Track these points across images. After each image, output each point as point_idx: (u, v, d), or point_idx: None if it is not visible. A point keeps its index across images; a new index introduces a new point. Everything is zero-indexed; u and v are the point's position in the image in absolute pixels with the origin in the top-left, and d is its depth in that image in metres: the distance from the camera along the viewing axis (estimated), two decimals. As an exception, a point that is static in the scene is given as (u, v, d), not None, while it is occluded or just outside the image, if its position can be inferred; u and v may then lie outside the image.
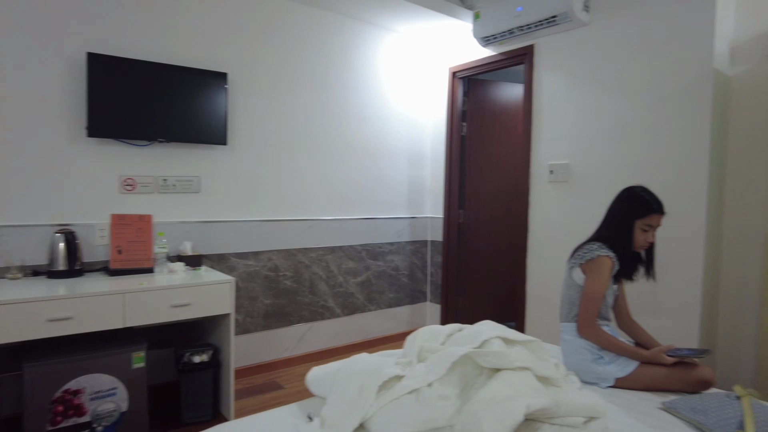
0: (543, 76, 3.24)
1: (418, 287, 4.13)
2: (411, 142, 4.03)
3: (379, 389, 1.39)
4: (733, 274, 2.62)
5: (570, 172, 3.09)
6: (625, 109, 2.82)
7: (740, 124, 2.58)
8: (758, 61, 2.49)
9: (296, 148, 3.33)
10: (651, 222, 1.88)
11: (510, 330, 1.66)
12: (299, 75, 3.32)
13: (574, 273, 1.96)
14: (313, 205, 3.43)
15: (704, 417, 1.49)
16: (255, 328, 3.18)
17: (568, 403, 1.47)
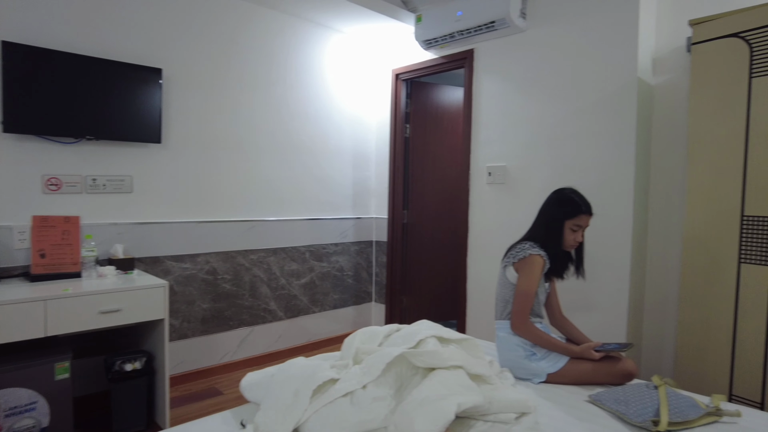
0: (482, 80, 3.32)
1: (363, 288, 4.13)
2: (356, 142, 4.03)
3: (314, 393, 1.38)
4: (656, 272, 2.78)
5: (507, 174, 3.18)
6: (557, 114, 2.93)
7: (662, 131, 2.74)
8: (677, 72, 2.66)
9: (236, 147, 3.24)
10: (580, 222, 1.97)
11: (445, 329, 1.69)
12: (240, 72, 3.24)
13: (507, 272, 2.02)
14: (254, 205, 3.35)
15: (625, 407, 1.58)
16: (193, 333, 3.08)
17: (500, 399, 1.51)
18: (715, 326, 2.23)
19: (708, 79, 2.23)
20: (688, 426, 1.52)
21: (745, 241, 2.14)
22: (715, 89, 2.21)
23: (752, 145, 2.11)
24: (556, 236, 1.98)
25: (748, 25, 2.10)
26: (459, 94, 4.18)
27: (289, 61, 3.51)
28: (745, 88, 2.12)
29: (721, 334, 2.21)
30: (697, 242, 2.29)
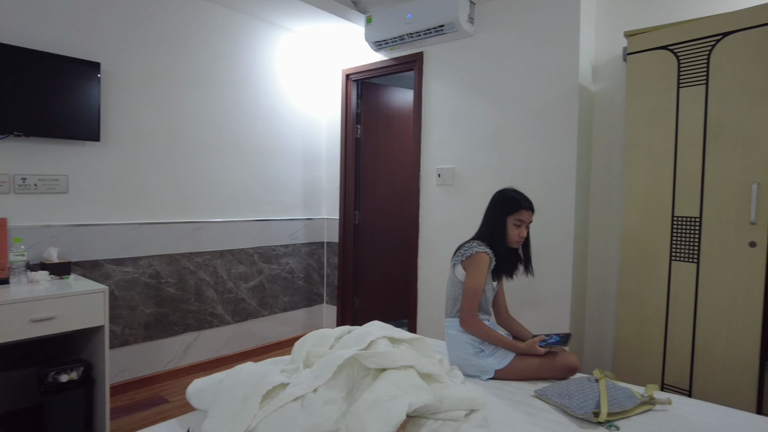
0: (431, 82, 3.37)
1: (314, 289, 4.09)
2: (306, 142, 3.99)
3: (263, 398, 1.35)
4: (597, 269, 2.92)
5: (456, 175, 3.25)
6: (504, 117, 3.02)
7: (601, 135, 2.88)
8: (615, 80, 2.81)
9: (181, 145, 3.13)
10: (521, 217, 2.04)
11: (397, 329, 1.70)
12: (184, 69, 3.13)
13: (456, 270, 2.06)
14: (199, 206, 3.25)
15: (569, 400, 1.64)
16: (135, 339, 2.95)
17: (450, 397, 1.53)
18: (649, 320, 2.37)
19: (642, 88, 2.37)
20: (626, 415, 1.60)
21: (675, 239, 2.28)
22: (649, 97, 2.35)
23: (680, 150, 2.25)
24: (500, 233, 2.05)
25: (676, 39, 2.25)
26: (409, 96, 4.22)
27: (236, 59, 3.42)
28: (674, 98, 2.26)
29: (654, 327, 2.35)
30: (633, 241, 2.42)
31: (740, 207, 2.08)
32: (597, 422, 1.54)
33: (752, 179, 2.05)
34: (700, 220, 2.20)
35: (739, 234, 2.09)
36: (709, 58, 2.15)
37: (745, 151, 2.07)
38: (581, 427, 1.53)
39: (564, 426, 1.53)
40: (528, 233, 2.12)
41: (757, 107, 2.04)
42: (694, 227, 2.22)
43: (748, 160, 2.06)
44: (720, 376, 2.15)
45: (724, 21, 2.11)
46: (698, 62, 2.19)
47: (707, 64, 2.16)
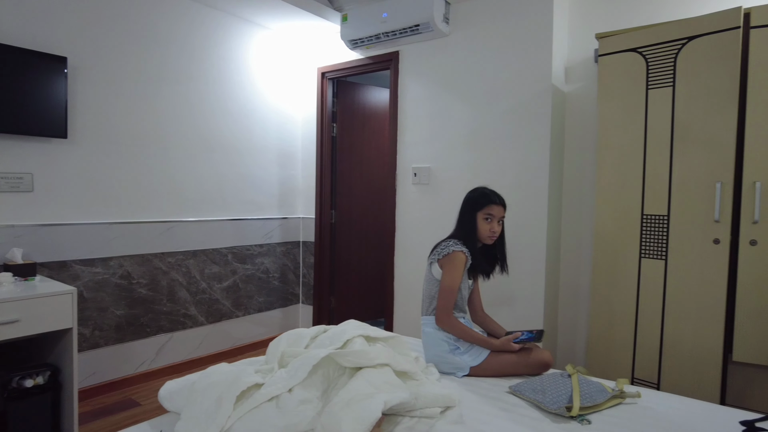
0: (407, 82, 3.38)
1: (289, 289, 4.06)
2: (281, 141, 3.95)
3: (238, 399, 1.34)
4: (569, 266, 2.97)
5: (432, 174, 3.27)
6: (478, 117, 3.05)
7: (574, 134, 2.94)
8: (587, 81, 2.86)
9: (153, 143, 3.07)
10: (491, 212, 2.05)
11: (372, 328, 1.70)
12: (157, 65, 3.07)
13: (433, 269, 2.07)
14: (172, 205, 3.19)
15: (542, 396, 1.67)
16: (106, 342, 2.87)
17: (426, 395, 1.54)
18: (620, 316, 2.42)
19: (613, 89, 2.42)
20: (597, 409, 1.64)
21: (644, 237, 2.34)
22: (619, 98, 2.40)
23: (650, 150, 2.31)
24: (472, 229, 2.07)
25: (644, 42, 2.30)
26: (385, 95, 4.23)
27: (211, 56, 3.37)
28: (643, 99, 2.32)
29: (625, 323, 2.40)
30: (604, 239, 2.47)
31: (705, 205, 2.15)
32: (570, 416, 1.57)
33: (716, 179, 2.12)
34: (668, 218, 2.26)
35: (704, 231, 2.16)
36: (676, 60, 2.22)
37: (709, 151, 2.14)
38: (554, 421, 1.56)
39: (538, 421, 1.56)
40: (503, 231, 2.15)
41: (720, 109, 2.10)
42: (662, 225, 2.28)
43: (712, 161, 2.13)
44: (686, 369, 2.22)
45: (689, 25, 2.18)
46: (665, 65, 2.25)
47: (674, 66, 2.22)
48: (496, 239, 2.12)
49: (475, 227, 2.07)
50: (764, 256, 2.05)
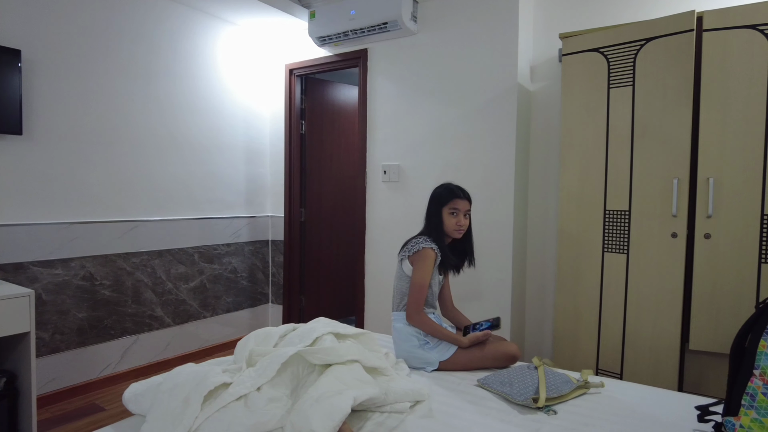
0: (376, 79, 3.38)
1: (258, 289, 4.01)
2: (249, 138, 3.90)
3: (205, 399, 1.32)
4: (535, 261, 3.04)
5: (401, 172, 3.28)
6: (446, 116, 3.08)
7: (539, 132, 3.00)
8: (551, 80, 2.93)
9: (114, 140, 2.98)
10: (455, 206, 2.08)
11: (342, 325, 1.70)
12: (119, 60, 2.98)
13: (403, 265, 2.09)
14: (136, 204, 3.10)
15: (510, 388, 1.70)
16: (67, 346, 2.78)
17: (395, 390, 1.55)
18: (584, 309, 2.49)
19: (576, 88, 2.48)
20: (563, 399, 1.68)
21: (607, 232, 2.41)
22: (582, 97, 2.46)
23: (611, 148, 2.38)
24: (438, 224, 2.10)
25: (606, 42, 2.37)
26: (355, 92, 4.22)
27: (176, 52, 3.30)
28: (605, 97, 2.39)
29: (589, 315, 2.47)
30: (568, 234, 2.53)
31: (663, 201, 2.23)
32: (536, 407, 1.60)
33: (673, 175, 2.20)
34: (629, 213, 2.34)
35: (662, 226, 2.24)
36: (635, 61, 2.29)
37: (667, 149, 2.22)
38: (522, 413, 1.59)
39: (505, 413, 1.59)
40: (470, 226, 2.18)
41: (676, 108, 2.19)
42: (623, 220, 2.36)
43: (669, 158, 2.21)
44: (647, 359, 2.30)
45: (647, 27, 2.25)
46: (625, 65, 2.32)
47: (633, 66, 2.30)
48: (465, 233, 2.14)
49: (442, 222, 2.09)
50: (717, 249, 2.14)
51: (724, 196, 2.12)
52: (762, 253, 2.07)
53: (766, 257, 2.06)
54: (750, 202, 2.08)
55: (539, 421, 1.53)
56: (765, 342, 1.39)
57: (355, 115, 4.16)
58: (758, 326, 1.42)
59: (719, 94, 2.11)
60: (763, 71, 2.03)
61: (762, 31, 2.02)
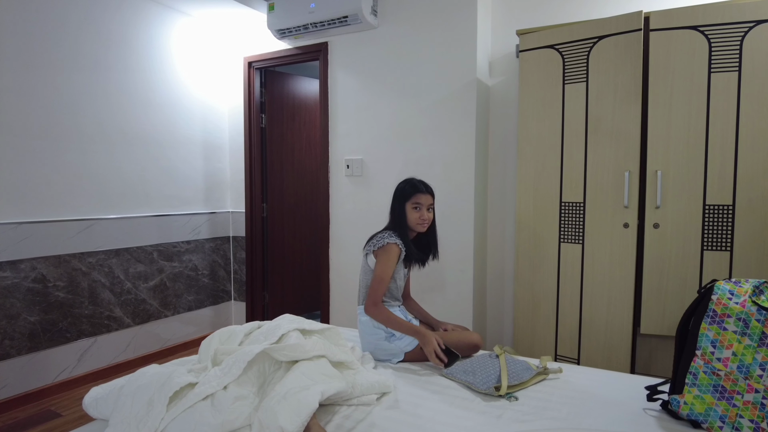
0: (337, 73, 3.37)
1: (220, 286, 3.95)
2: (207, 132, 3.81)
3: (171, 400, 1.30)
4: (496, 253, 3.12)
5: (364, 166, 3.29)
6: (407, 109, 3.10)
7: (497, 127, 3.07)
8: (509, 75, 3.00)
9: (64, 136, 2.86)
10: (418, 200, 2.11)
11: (308, 321, 1.71)
12: (65, 53, 2.85)
13: (368, 259, 2.11)
14: (89, 202, 3.00)
15: (473, 377, 1.76)
16: (18, 351, 2.67)
17: (362, 383, 1.58)
18: (542, 298, 2.58)
19: (532, 83, 2.55)
20: (523, 386, 1.75)
21: (563, 223, 2.50)
22: (538, 92, 2.54)
23: (567, 142, 2.47)
24: (402, 218, 2.13)
25: (561, 39, 2.45)
26: (316, 86, 4.19)
27: (127, 43, 3.18)
28: (560, 93, 2.47)
29: (547, 304, 2.57)
30: (525, 226, 2.61)
31: (616, 192, 2.33)
32: (498, 395, 1.66)
33: (625, 168, 2.30)
34: (584, 205, 2.43)
35: (615, 216, 2.34)
36: (588, 58, 2.38)
37: (618, 143, 2.32)
38: (485, 400, 1.65)
39: (469, 401, 1.64)
40: (434, 219, 2.21)
41: (626, 104, 2.29)
42: (578, 212, 2.45)
43: (620, 151, 2.31)
44: (602, 344, 2.41)
45: (599, 26, 2.34)
46: (579, 61, 2.40)
47: (587, 63, 2.38)
48: (429, 227, 2.18)
49: (405, 217, 2.12)
50: (664, 238, 2.26)
51: (671, 187, 2.24)
52: (704, 240, 2.20)
53: (709, 245, 2.19)
54: (694, 193, 2.20)
55: (501, 408, 1.59)
56: (705, 324, 1.49)
57: (317, 108, 4.14)
58: (699, 310, 1.52)
59: (665, 91, 2.22)
60: (704, 70, 2.15)
61: (702, 32, 2.14)
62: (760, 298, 1.44)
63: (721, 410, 1.42)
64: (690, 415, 1.47)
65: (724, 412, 1.42)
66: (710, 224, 2.19)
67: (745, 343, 1.41)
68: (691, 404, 1.47)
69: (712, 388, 1.45)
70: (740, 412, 1.40)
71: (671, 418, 1.52)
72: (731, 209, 2.15)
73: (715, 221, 2.18)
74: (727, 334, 1.44)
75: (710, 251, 2.19)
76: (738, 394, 1.41)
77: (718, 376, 1.44)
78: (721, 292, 1.49)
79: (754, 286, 1.48)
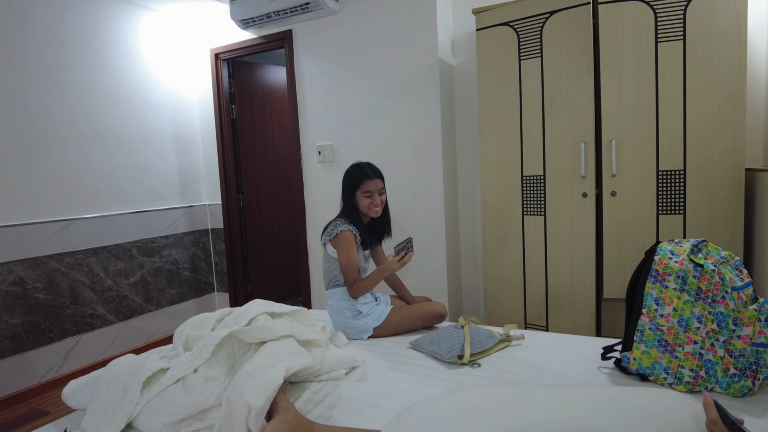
0: (303, 60, 3.39)
1: (202, 278, 4.00)
2: (178, 126, 3.82)
3: (144, 386, 1.37)
4: (467, 229, 3.20)
5: (335, 152, 3.34)
6: (373, 92, 3.14)
7: (462, 105, 3.12)
8: (471, 54, 3.04)
9: (32, 137, 2.86)
10: (368, 188, 2.14)
11: (277, 304, 1.78)
12: (28, 53, 2.84)
13: (327, 248, 2.18)
14: (64, 202, 3.01)
15: (438, 347, 1.84)
16: (2, 354, 2.71)
17: (330, 359, 1.66)
18: (510, 270, 2.67)
19: (490, 61, 2.61)
20: (487, 354, 1.84)
21: (525, 196, 2.58)
22: (496, 69, 2.59)
23: (525, 116, 2.53)
24: (352, 206, 2.18)
25: (515, 16, 2.50)
26: (283, 73, 4.20)
27: (91, 41, 3.17)
28: (517, 69, 2.53)
29: (514, 275, 2.66)
30: (490, 202, 2.69)
31: (573, 163, 2.41)
32: (462, 363, 1.75)
33: (580, 139, 2.38)
34: (544, 177, 2.51)
35: (574, 187, 2.43)
36: (542, 33, 2.43)
37: (573, 115, 2.39)
38: (449, 368, 1.74)
39: (433, 369, 1.73)
40: (386, 202, 2.26)
41: (579, 77, 2.36)
42: (539, 184, 2.53)
43: (575, 123, 2.39)
44: (567, 311, 2.51)
45: (551, 1, 2.39)
46: (533, 37, 2.46)
47: (540, 39, 2.44)
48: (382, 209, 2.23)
49: (356, 205, 2.17)
50: (621, 205, 2.35)
51: (625, 155, 2.32)
52: (659, 205, 2.29)
53: (664, 209, 2.29)
54: (647, 160, 2.29)
55: (464, 374, 1.68)
56: (649, 284, 1.58)
57: (286, 96, 4.15)
58: (645, 271, 1.61)
59: (615, 62, 2.29)
60: (651, 40, 2.22)
61: (648, 3, 2.20)
62: (698, 255, 1.54)
63: (665, 362, 1.52)
64: (638, 370, 1.58)
65: (667, 364, 1.52)
66: (664, 189, 2.28)
67: (684, 299, 1.51)
68: (639, 359, 1.57)
69: (657, 342, 1.55)
70: (681, 363, 1.50)
71: (622, 374, 1.63)
72: (683, 173, 2.24)
73: (668, 186, 2.27)
74: (668, 292, 1.53)
75: (665, 215, 2.29)
76: (679, 347, 1.51)
77: (661, 331, 1.54)
78: (663, 253, 1.58)
79: (692, 245, 1.57)
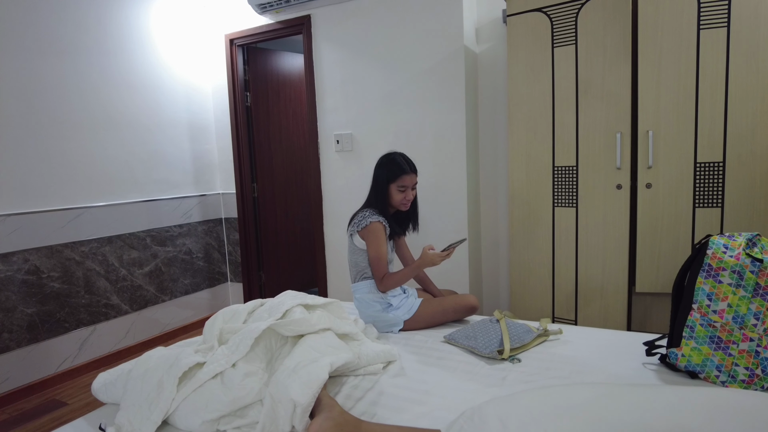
0: (322, 46, 3.31)
1: (216, 268, 3.94)
2: (191, 114, 3.74)
3: (180, 381, 1.31)
4: (489, 219, 3.14)
5: (354, 141, 3.27)
6: (395, 80, 3.06)
7: (486, 94, 3.04)
8: (496, 41, 2.96)
9: (46, 124, 2.79)
10: (403, 183, 2.09)
11: (310, 296, 1.72)
12: (42, 37, 2.76)
13: (354, 239, 2.11)
14: (77, 190, 2.95)
15: (475, 341, 1.79)
16: (17, 344, 2.66)
17: (367, 353, 1.60)
18: (538, 262, 2.61)
19: (521, 48, 2.53)
20: (525, 348, 1.78)
21: (556, 187, 2.52)
22: (527, 57, 2.51)
23: (557, 105, 2.46)
24: (385, 198, 2.12)
25: (549, 2, 2.41)
26: (300, 60, 4.12)
27: (105, 25, 3.08)
28: (550, 56, 2.45)
29: (543, 268, 2.60)
30: (519, 192, 2.62)
31: (608, 154, 2.34)
32: (502, 358, 1.69)
33: (616, 129, 2.31)
34: (576, 168, 2.44)
35: (608, 178, 2.36)
36: (577, 20, 2.35)
37: (608, 105, 2.32)
38: (489, 364, 1.68)
39: (473, 365, 1.67)
40: (416, 195, 2.21)
41: (616, 65, 2.28)
42: (571, 175, 2.46)
43: (611, 113, 2.31)
44: (598, 305, 2.46)
45: (587, -15, 2.31)
46: (568, 24, 2.38)
47: (575, 25, 2.36)
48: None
49: (388, 198, 2.11)
50: (657, 197, 2.28)
51: (662, 147, 2.25)
52: (696, 198, 2.23)
53: (700, 202, 2.22)
54: (684, 152, 2.22)
55: (505, 370, 1.62)
56: (701, 279, 1.52)
57: (302, 84, 4.08)
58: (695, 265, 1.55)
59: (654, 50, 2.21)
60: (693, 26, 2.14)
61: (691, -13, 2.12)
62: (754, 250, 1.48)
63: (717, 360, 1.47)
64: (687, 367, 1.52)
65: (720, 361, 1.46)
66: (701, 182, 2.21)
67: (740, 295, 1.45)
68: (689, 356, 1.52)
69: (709, 339, 1.49)
70: (736, 360, 1.44)
71: (669, 371, 1.57)
72: (722, 166, 2.17)
73: (706, 179, 2.20)
74: (723, 287, 1.47)
75: (702, 208, 2.22)
76: (734, 344, 1.45)
77: (714, 327, 1.48)
78: (716, 247, 1.52)
79: (747, 239, 1.51)
